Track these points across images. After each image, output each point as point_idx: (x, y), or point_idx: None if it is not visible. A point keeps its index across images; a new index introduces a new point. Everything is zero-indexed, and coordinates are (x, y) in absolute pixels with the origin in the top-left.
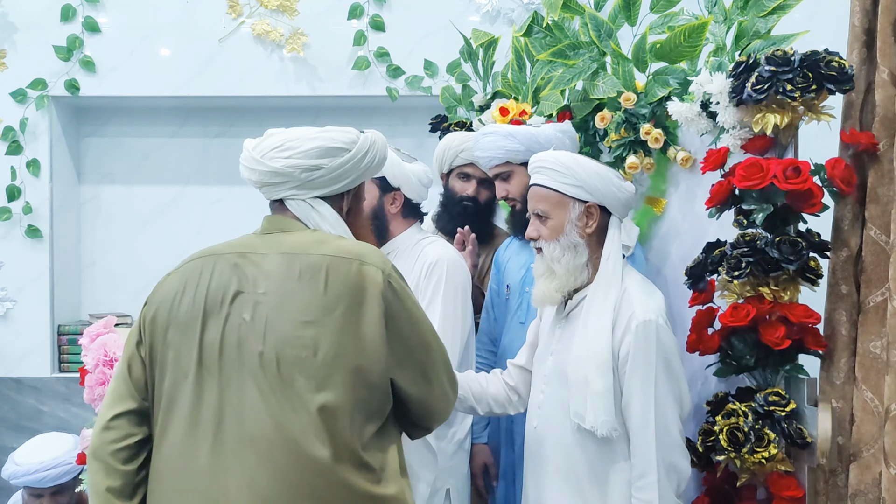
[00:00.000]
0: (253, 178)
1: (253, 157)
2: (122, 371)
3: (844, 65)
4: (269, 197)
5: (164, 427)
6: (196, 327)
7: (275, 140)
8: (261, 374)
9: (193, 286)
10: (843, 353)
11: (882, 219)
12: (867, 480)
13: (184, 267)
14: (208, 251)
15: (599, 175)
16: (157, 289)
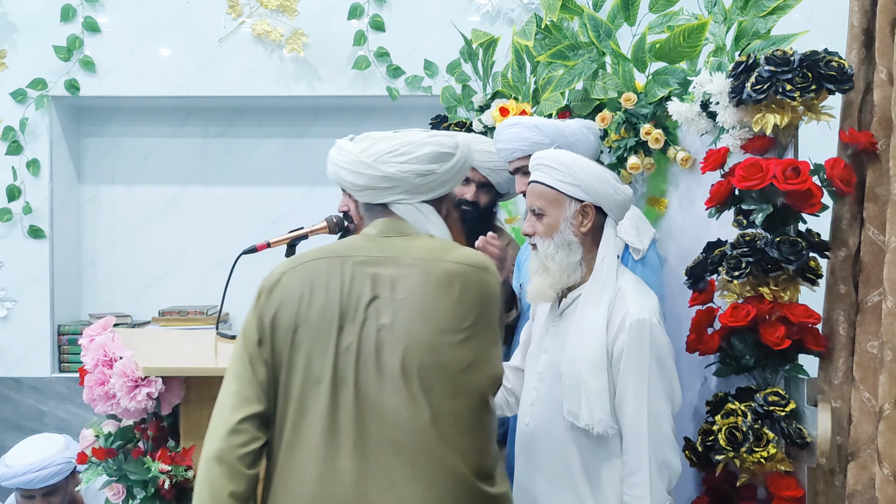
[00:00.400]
0: (358, 182)
1: (361, 160)
2: (245, 372)
3: (844, 65)
4: (372, 201)
5: (295, 431)
6: (331, 332)
7: (387, 144)
8: (400, 380)
9: (323, 288)
10: (842, 353)
11: (880, 218)
12: (864, 480)
13: (304, 266)
14: (329, 251)
15: (597, 176)
16: (273, 287)
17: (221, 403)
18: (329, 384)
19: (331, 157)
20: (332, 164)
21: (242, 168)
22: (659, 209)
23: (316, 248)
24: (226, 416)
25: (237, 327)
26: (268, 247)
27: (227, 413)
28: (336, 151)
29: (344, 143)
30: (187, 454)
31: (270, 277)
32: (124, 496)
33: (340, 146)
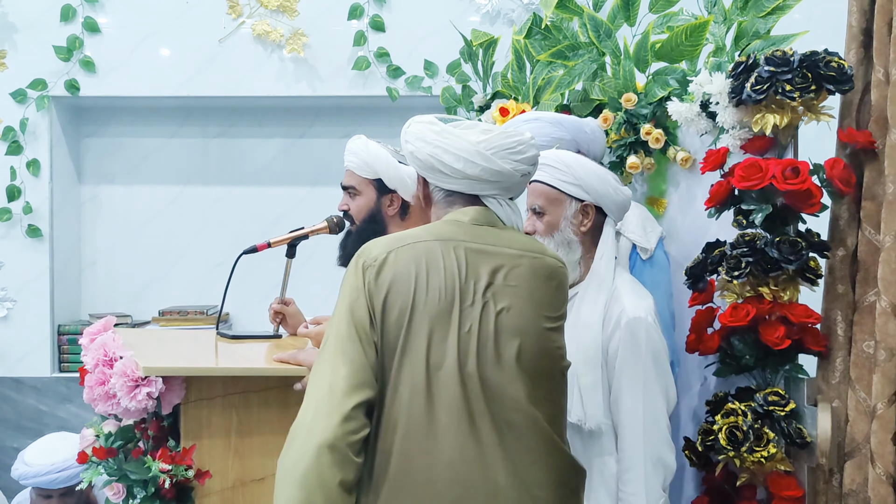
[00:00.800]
0: (468, 171)
1: (479, 151)
2: (357, 355)
3: (844, 65)
4: (467, 191)
5: (412, 417)
6: (452, 315)
7: (507, 140)
8: (516, 365)
9: (439, 269)
10: (839, 353)
11: (876, 217)
12: (860, 480)
13: (412, 247)
14: (433, 233)
15: (598, 176)
16: (381, 265)
17: (332, 386)
18: (454, 369)
19: (422, 135)
20: (426, 145)
21: (242, 168)
22: (658, 209)
23: (414, 230)
24: (339, 400)
25: (237, 327)
26: (268, 247)
27: (341, 398)
28: (434, 132)
29: (446, 126)
30: (187, 454)
31: (373, 254)
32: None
33: (442, 128)
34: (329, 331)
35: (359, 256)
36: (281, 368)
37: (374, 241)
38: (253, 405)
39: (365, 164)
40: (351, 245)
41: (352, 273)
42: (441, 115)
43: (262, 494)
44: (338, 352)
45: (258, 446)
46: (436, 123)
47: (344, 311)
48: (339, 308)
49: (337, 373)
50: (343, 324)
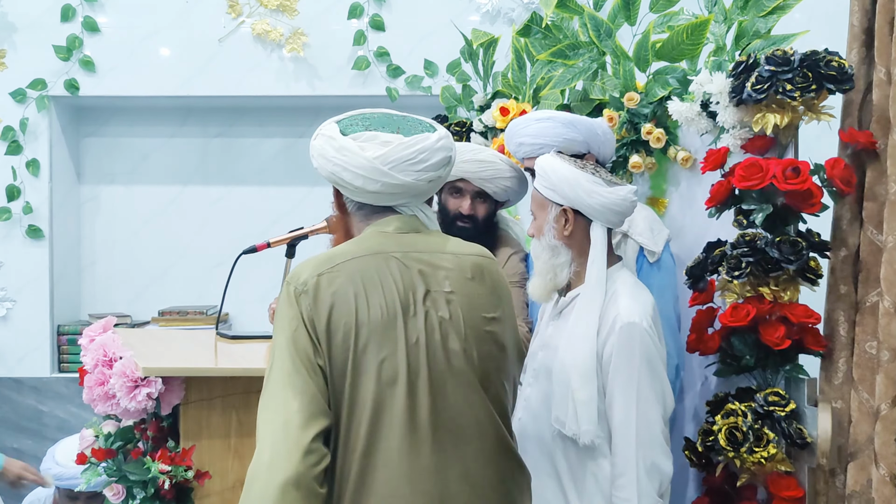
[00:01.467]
0: (368, 188)
1: (376, 167)
2: (306, 386)
3: (844, 64)
4: (375, 203)
5: (372, 437)
6: (397, 329)
7: (404, 152)
8: (466, 370)
9: (376, 286)
10: (842, 354)
11: (879, 218)
12: (863, 481)
13: (344, 266)
14: (361, 249)
15: (567, 180)
16: (315, 290)
17: (286, 422)
18: (405, 383)
19: (323, 152)
20: (327, 162)
21: (242, 168)
22: (658, 209)
23: (342, 248)
24: (296, 435)
25: (237, 327)
26: (268, 247)
27: (298, 432)
28: (334, 149)
29: (344, 142)
30: (187, 454)
31: (302, 279)
32: (124, 496)
33: (340, 144)
34: (272, 365)
35: (288, 284)
36: None
37: (301, 265)
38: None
39: None
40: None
41: (285, 303)
42: (349, 118)
43: None
44: (286, 385)
45: None
46: (335, 139)
47: (285, 344)
48: (278, 340)
49: (289, 407)
50: (286, 356)
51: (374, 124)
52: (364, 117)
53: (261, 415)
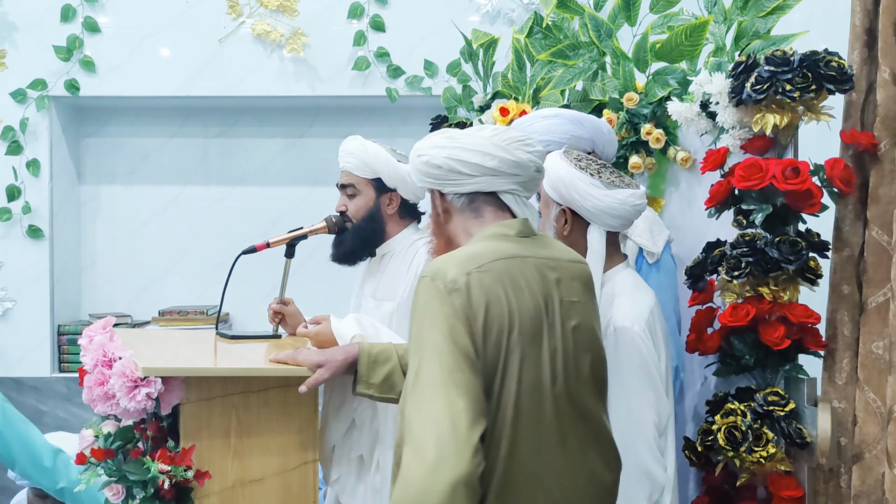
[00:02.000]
0: (487, 164)
1: (495, 143)
2: (470, 384)
3: (844, 65)
4: (486, 188)
5: (514, 441)
6: (541, 335)
7: (514, 133)
8: (589, 378)
9: (522, 290)
10: (846, 354)
11: (883, 219)
12: (870, 482)
13: (491, 266)
14: (499, 252)
15: (563, 181)
16: (468, 288)
17: (454, 420)
18: (548, 389)
19: (434, 142)
20: (440, 150)
21: (242, 168)
22: (656, 209)
23: (475, 249)
24: (466, 434)
25: (237, 327)
26: (267, 247)
27: (467, 431)
28: (445, 137)
29: (457, 132)
30: (187, 454)
31: (451, 278)
32: (123, 496)
33: (450, 133)
34: (424, 362)
35: (433, 280)
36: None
37: (438, 262)
38: (253, 405)
39: (364, 163)
40: (348, 243)
41: (435, 299)
42: (453, 130)
43: (262, 495)
44: (448, 383)
45: (258, 446)
46: (445, 131)
47: (442, 340)
48: (431, 337)
49: (455, 405)
50: (446, 353)
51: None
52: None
53: (416, 413)
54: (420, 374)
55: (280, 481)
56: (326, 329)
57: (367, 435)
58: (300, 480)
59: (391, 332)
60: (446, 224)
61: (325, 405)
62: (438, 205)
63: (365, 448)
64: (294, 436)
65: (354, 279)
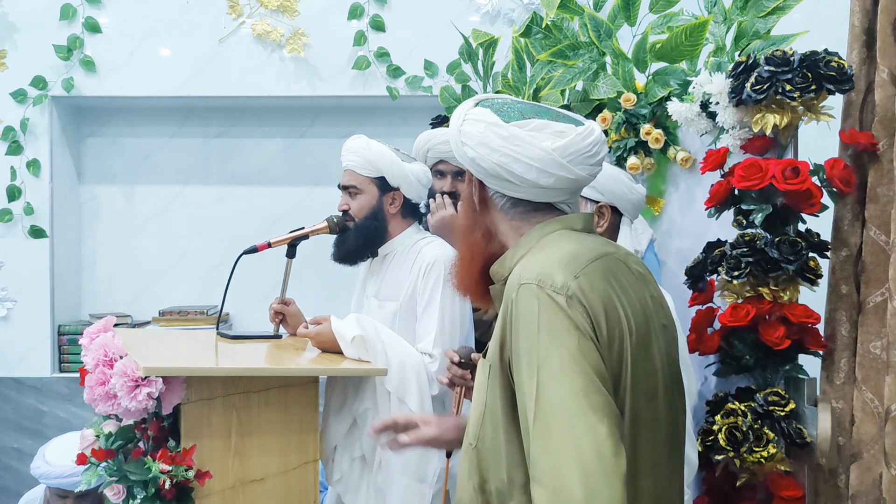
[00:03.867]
0: (541, 182)
1: (555, 160)
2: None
3: (844, 65)
4: (535, 199)
5: (633, 448)
6: (650, 337)
7: (581, 143)
8: (675, 384)
9: (626, 290)
10: (844, 354)
11: (881, 218)
12: (868, 481)
13: (594, 267)
14: (595, 250)
15: (611, 176)
16: (584, 297)
17: (601, 451)
18: (663, 395)
19: (487, 140)
20: (492, 152)
21: (242, 168)
22: (655, 209)
23: (563, 247)
24: (614, 464)
25: (237, 327)
26: (268, 247)
27: (614, 460)
28: (501, 138)
29: (514, 130)
30: (188, 454)
31: (561, 283)
32: (124, 496)
33: (510, 133)
34: (553, 385)
35: (540, 286)
36: (281, 368)
37: (538, 264)
38: (253, 405)
39: (367, 162)
40: (351, 242)
41: (549, 309)
42: (496, 102)
43: (262, 494)
44: (585, 408)
45: (258, 446)
46: (501, 126)
47: (570, 358)
48: (555, 354)
49: (597, 433)
50: (577, 374)
51: (526, 110)
52: (510, 103)
53: (546, 446)
54: (544, 401)
55: (280, 481)
56: (327, 329)
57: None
58: (300, 480)
59: (392, 333)
60: (483, 215)
61: (327, 405)
62: (475, 192)
63: (367, 448)
64: (294, 436)
65: (355, 279)
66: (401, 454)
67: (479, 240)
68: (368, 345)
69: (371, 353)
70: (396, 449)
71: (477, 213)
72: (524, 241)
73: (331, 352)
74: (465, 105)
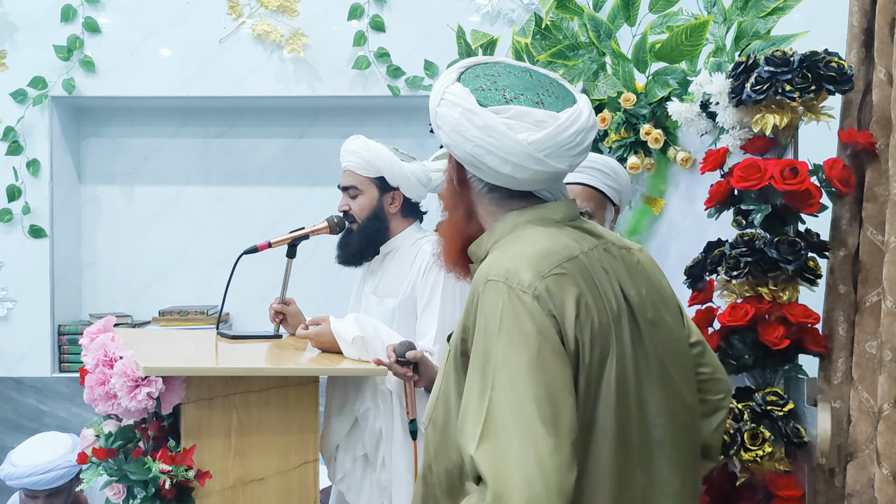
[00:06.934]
0: (517, 175)
1: (531, 154)
2: (561, 418)
3: (843, 65)
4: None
5: (584, 450)
6: (634, 336)
7: (563, 135)
8: (657, 371)
9: (601, 289)
10: (841, 353)
11: (878, 218)
12: (863, 481)
13: (563, 267)
14: (569, 248)
15: (628, 180)
16: (546, 293)
17: (543, 466)
18: (659, 393)
19: (460, 128)
20: (465, 141)
21: (242, 168)
22: (655, 209)
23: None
24: (556, 482)
25: (238, 327)
26: (269, 247)
27: (557, 477)
28: (476, 127)
29: (489, 118)
30: (188, 454)
31: (528, 283)
32: (124, 496)
33: (485, 122)
34: (506, 388)
35: (507, 283)
36: (281, 368)
37: (506, 260)
38: (253, 405)
39: (367, 162)
40: (355, 243)
41: (516, 312)
42: (477, 78)
43: (262, 494)
44: (534, 419)
45: (258, 446)
46: (476, 113)
47: (528, 365)
48: (512, 359)
49: (543, 447)
50: (532, 382)
51: (511, 88)
52: (495, 77)
53: (493, 448)
54: (496, 405)
55: (281, 481)
56: (326, 330)
57: (370, 433)
58: (301, 480)
59: (392, 332)
60: (462, 194)
61: (328, 405)
62: (454, 172)
63: (369, 446)
64: (294, 436)
65: (354, 278)
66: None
67: (461, 218)
68: (368, 345)
69: (371, 353)
70: None
71: (456, 193)
72: (498, 227)
73: (331, 352)
74: (448, 77)
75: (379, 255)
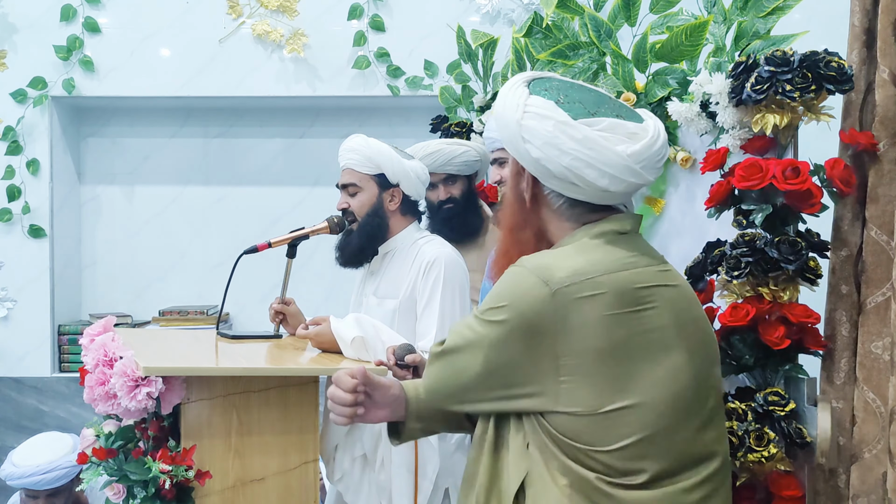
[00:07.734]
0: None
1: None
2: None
3: (844, 65)
4: (598, 201)
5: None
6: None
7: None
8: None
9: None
10: (844, 353)
11: (882, 218)
12: (870, 481)
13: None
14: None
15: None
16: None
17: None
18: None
19: (556, 141)
20: (562, 154)
21: (242, 168)
22: (655, 209)
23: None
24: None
25: (238, 327)
26: (269, 247)
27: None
28: (574, 140)
29: (586, 131)
30: (188, 454)
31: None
32: (125, 496)
33: (584, 135)
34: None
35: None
36: (281, 368)
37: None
38: (253, 405)
39: (367, 159)
40: (355, 242)
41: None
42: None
43: (263, 494)
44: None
45: (258, 446)
46: (570, 125)
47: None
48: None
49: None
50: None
51: (586, 102)
52: (565, 90)
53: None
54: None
55: (281, 481)
56: (326, 330)
57: (369, 433)
58: (301, 480)
59: (392, 332)
60: (533, 212)
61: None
62: (527, 189)
63: (368, 447)
64: (294, 436)
65: (354, 279)
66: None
67: (530, 238)
68: (368, 345)
69: (371, 353)
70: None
71: (527, 211)
72: (567, 240)
73: (331, 352)
74: (517, 91)
75: (378, 256)
